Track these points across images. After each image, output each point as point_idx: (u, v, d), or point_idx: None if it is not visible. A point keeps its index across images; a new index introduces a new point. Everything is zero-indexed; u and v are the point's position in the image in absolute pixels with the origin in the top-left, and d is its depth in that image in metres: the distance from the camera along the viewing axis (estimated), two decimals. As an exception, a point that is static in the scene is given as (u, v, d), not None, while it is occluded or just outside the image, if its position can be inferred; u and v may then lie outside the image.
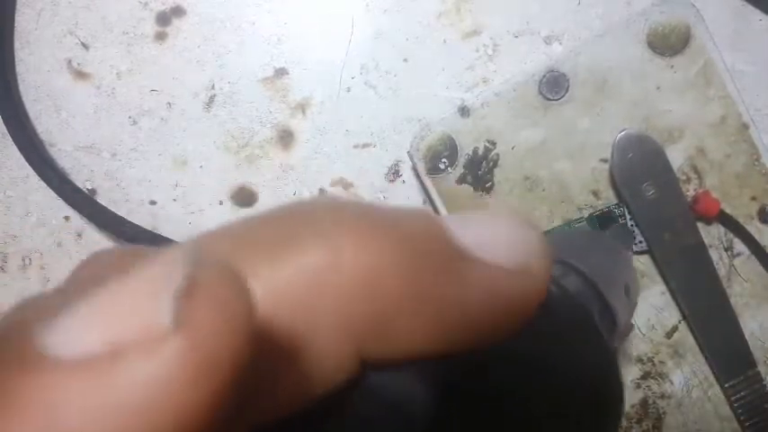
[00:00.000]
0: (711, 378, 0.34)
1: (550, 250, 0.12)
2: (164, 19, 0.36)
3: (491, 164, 0.33)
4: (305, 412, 0.10)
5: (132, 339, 0.07)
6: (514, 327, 0.11)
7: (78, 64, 0.36)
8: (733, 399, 0.34)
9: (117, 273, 0.08)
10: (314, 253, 0.10)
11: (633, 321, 0.24)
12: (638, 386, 0.35)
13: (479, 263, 0.11)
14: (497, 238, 0.11)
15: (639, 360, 0.35)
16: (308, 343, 0.10)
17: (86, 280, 0.11)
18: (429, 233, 0.11)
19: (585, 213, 0.33)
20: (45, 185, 0.35)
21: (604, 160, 0.33)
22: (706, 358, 0.34)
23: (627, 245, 0.32)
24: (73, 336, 0.08)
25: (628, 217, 0.33)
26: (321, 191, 0.36)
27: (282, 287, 0.10)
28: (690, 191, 0.33)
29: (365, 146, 0.36)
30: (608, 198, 0.33)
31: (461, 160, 0.33)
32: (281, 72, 0.36)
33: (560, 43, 0.35)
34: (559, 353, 0.14)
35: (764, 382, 0.34)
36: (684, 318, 0.34)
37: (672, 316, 0.34)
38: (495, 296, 0.11)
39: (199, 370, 0.07)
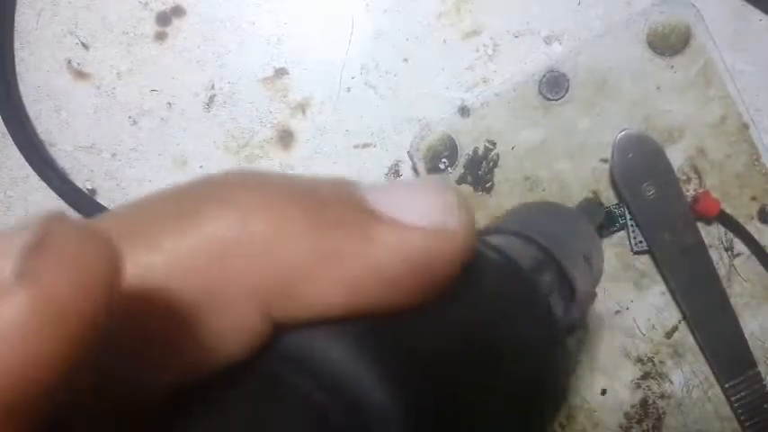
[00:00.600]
0: (711, 378, 0.34)
1: (471, 211, 0.12)
2: (164, 19, 0.36)
3: (491, 164, 0.33)
4: (225, 371, 0.10)
5: None
6: (437, 286, 0.11)
7: (78, 64, 0.36)
8: (733, 399, 0.34)
9: None
10: (219, 221, 0.10)
11: (597, 290, 0.24)
12: (638, 386, 0.35)
13: (391, 223, 0.11)
14: (413, 200, 0.12)
15: (639, 360, 0.35)
16: (215, 307, 0.10)
17: None
18: (339, 198, 0.11)
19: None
20: (45, 185, 0.35)
21: (604, 160, 0.33)
22: (706, 358, 0.34)
23: (595, 220, 0.32)
24: None
25: (628, 217, 0.33)
26: (321, 191, 0.36)
27: (184, 255, 0.10)
28: (690, 191, 0.33)
29: (365, 146, 0.36)
30: (608, 198, 0.33)
31: (461, 160, 0.33)
32: (281, 72, 0.36)
33: (560, 43, 0.35)
34: (494, 317, 0.13)
35: (764, 382, 0.34)
36: (684, 318, 0.34)
37: (672, 316, 0.34)
38: (409, 255, 0.11)
39: (41, 322, 0.07)
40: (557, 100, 0.33)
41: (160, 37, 0.36)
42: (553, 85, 0.33)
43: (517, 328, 0.14)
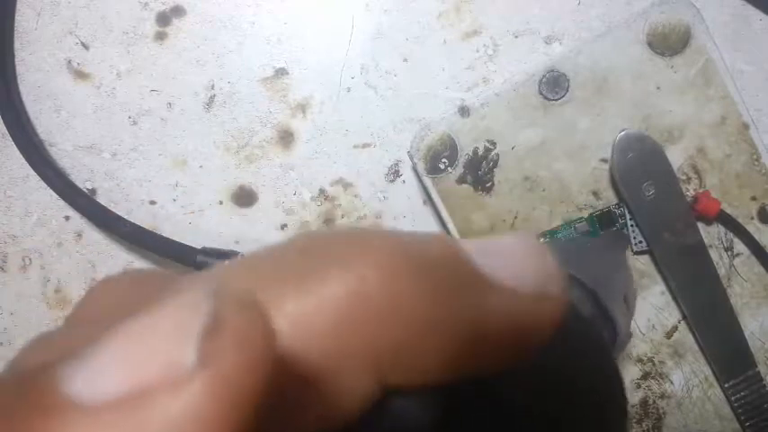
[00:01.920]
0: (711, 378, 0.34)
1: (565, 275, 0.12)
2: (164, 19, 0.36)
3: (491, 164, 0.33)
4: None
5: (158, 379, 0.08)
6: (531, 350, 0.11)
7: (78, 64, 0.36)
8: (733, 399, 0.34)
9: (137, 306, 0.08)
10: (338, 283, 0.10)
11: (631, 329, 0.24)
12: (639, 386, 0.35)
13: (498, 288, 0.11)
14: (515, 263, 0.12)
15: (639, 360, 0.35)
16: (332, 370, 0.10)
17: (102, 313, 0.11)
18: (449, 259, 0.11)
19: (585, 213, 0.33)
20: (45, 185, 0.35)
21: (604, 160, 0.33)
22: (706, 358, 0.34)
23: (623, 250, 0.32)
24: (97, 378, 0.08)
25: (628, 217, 0.33)
26: (321, 191, 0.36)
27: (307, 318, 0.10)
28: (690, 191, 0.33)
29: (365, 146, 0.36)
30: (608, 198, 0.33)
31: (461, 160, 0.33)
32: (281, 72, 0.36)
33: (560, 43, 0.35)
34: (571, 370, 0.14)
35: (764, 382, 0.34)
36: (684, 318, 0.34)
37: (672, 316, 0.34)
38: (514, 321, 0.11)
39: (223, 407, 0.08)
40: (557, 100, 0.33)
41: (160, 37, 0.36)
42: (553, 85, 0.33)
43: (594, 379, 0.14)
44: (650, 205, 0.32)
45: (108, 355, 0.08)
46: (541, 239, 0.33)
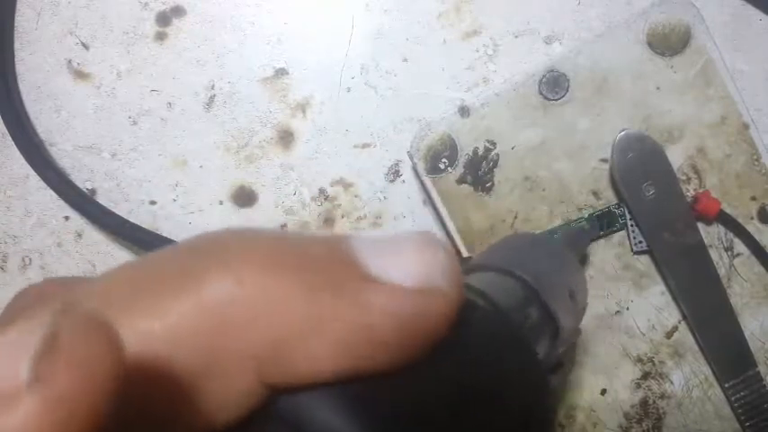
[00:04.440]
0: (711, 378, 0.34)
1: (458, 269, 0.12)
2: (164, 19, 0.36)
3: (491, 164, 0.33)
4: None
5: None
6: (424, 345, 0.11)
7: (78, 64, 0.36)
8: (733, 399, 0.34)
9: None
10: (215, 285, 0.10)
11: (581, 326, 0.24)
12: (638, 386, 0.35)
13: (381, 286, 0.11)
14: (403, 258, 0.12)
15: (639, 360, 0.35)
16: (211, 373, 0.10)
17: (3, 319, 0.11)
18: (332, 259, 0.11)
19: (585, 213, 0.33)
20: (45, 185, 0.35)
21: (604, 160, 0.33)
22: (706, 358, 0.34)
23: (579, 249, 0.32)
24: None
25: (628, 217, 0.33)
26: (321, 191, 0.36)
27: (183, 321, 0.10)
28: (690, 191, 0.33)
29: (365, 146, 0.36)
30: (608, 198, 0.33)
31: (461, 160, 0.33)
32: (281, 72, 0.36)
33: (560, 43, 0.35)
34: (482, 368, 0.13)
35: (764, 382, 0.34)
36: (684, 318, 0.34)
37: (672, 316, 0.34)
38: (399, 316, 0.11)
39: (57, 424, 0.08)
40: (557, 100, 0.33)
41: (160, 37, 0.36)
42: (553, 85, 0.33)
43: (504, 379, 0.14)
44: (650, 205, 0.32)
45: None
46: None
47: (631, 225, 0.33)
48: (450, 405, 0.12)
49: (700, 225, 0.33)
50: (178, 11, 0.36)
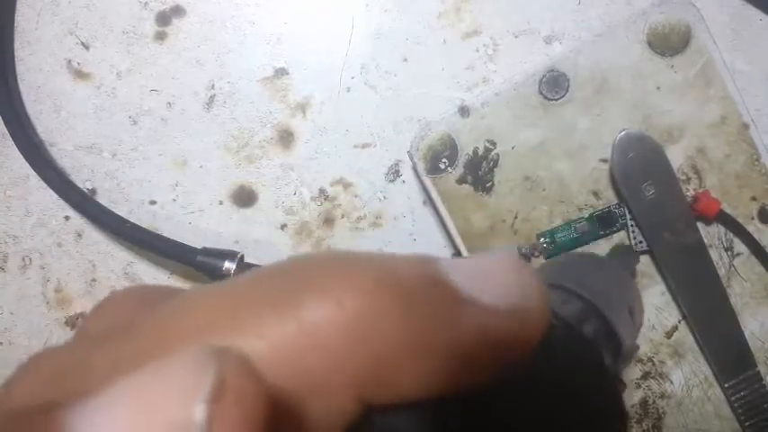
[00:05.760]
0: (711, 378, 0.34)
1: (544, 289, 0.12)
2: (164, 19, 0.36)
3: (491, 164, 0.33)
4: None
5: None
6: (512, 365, 0.12)
7: (78, 64, 0.36)
8: (733, 399, 0.34)
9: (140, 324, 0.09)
10: (314, 308, 0.10)
11: (638, 342, 0.24)
12: (638, 386, 0.35)
13: (475, 306, 0.11)
14: (493, 280, 0.12)
15: (639, 360, 0.35)
16: (313, 394, 0.10)
17: (109, 329, 0.11)
18: (425, 279, 0.11)
19: (585, 213, 0.33)
20: (45, 185, 0.35)
21: (604, 160, 0.33)
22: (706, 358, 0.34)
23: (630, 266, 0.32)
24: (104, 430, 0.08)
25: (628, 217, 0.33)
26: (321, 191, 0.36)
27: (286, 344, 0.10)
28: (690, 191, 0.33)
29: (365, 146, 0.36)
30: (608, 198, 0.33)
31: (461, 160, 0.33)
32: (281, 72, 0.36)
33: (560, 43, 0.35)
34: (561, 387, 0.14)
35: (764, 382, 0.34)
36: (684, 318, 0.34)
37: (672, 316, 0.34)
38: (492, 337, 0.11)
39: None
40: (557, 100, 0.33)
41: (160, 37, 0.36)
42: (553, 85, 0.33)
43: (584, 393, 0.14)
44: (650, 205, 0.32)
45: (118, 408, 0.08)
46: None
47: (631, 225, 0.33)
48: (538, 420, 0.12)
49: (700, 225, 0.33)
50: (178, 11, 0.36)
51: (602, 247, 0.34)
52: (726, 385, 0.34)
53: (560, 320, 0.16)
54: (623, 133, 0.32)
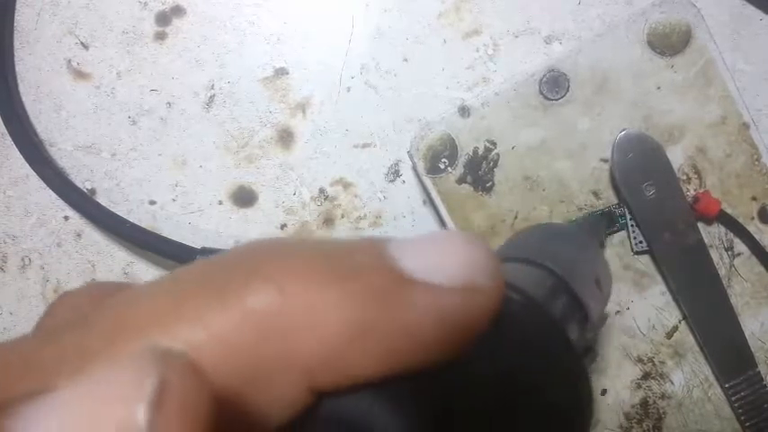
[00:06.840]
0: (712, 378, 0.34)
1: (499, 265, 0.12)
2: (164, 19, 0.36)
3: (491, 164, 0.33)
4: None
5: None
6: (466, 343, 0.12)
7: (78, 64, 0.36)
8: (733, 399, 0.34)
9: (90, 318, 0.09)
10: (257, 295, 0.10)
11: (606, 312, 0.24)
12: (639, 386, 0.35)
13: (423, 286, 0.11)
14: (442, 258, 0.12)
15: (639, 360, 0.35)
16: (260, 384, 0.10)
17: (62, 324, 0.11)
18: (372, 263, 0.11)
19: (586, 213, 0.33)
20: (45, 185, 0.35)
21: (604, 160, 0.33)
22: (706, 358, 0.34)
23: (599, 234, 0.32)
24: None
25: (628, 217, 0.33)
26: (321, 191, 0.36)
27: (231, 333, 0.10)
28: (690, 191, 0.33)
29: (365, 146, 0.36)
30: (608, 198, 0.33)
31: (461, 160, 0.33)
32: (281, 72, 0.36)
33: (560, 43, 0.35)
34: (522, 362, 0.14)
35: (765, 382, 0.33)
36: (684, 318, 0.34)
37: (672, 316, 0.34)
38: (442, 316, 0.11)
39: None
40: (557, 100, 0.33)
41: (160, 37, 0.36)
42: (553, 85, 0.33)
43: (545, 367, 0.14)
44: (650, 205, 0.32)
45: (63, 410, 0.08)
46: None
47: (631, 225, 0.33)
48: (496, 396, 0.12)
49: (700, 225, 0.33)
50: (178, 11, 0.36)
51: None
52: (726, 385, 0.34)
53: (523, 295, 0.16)
54: (623, 133, 0.32)
